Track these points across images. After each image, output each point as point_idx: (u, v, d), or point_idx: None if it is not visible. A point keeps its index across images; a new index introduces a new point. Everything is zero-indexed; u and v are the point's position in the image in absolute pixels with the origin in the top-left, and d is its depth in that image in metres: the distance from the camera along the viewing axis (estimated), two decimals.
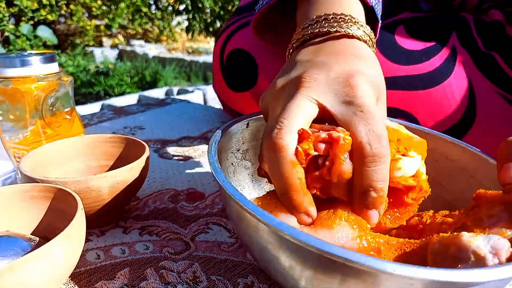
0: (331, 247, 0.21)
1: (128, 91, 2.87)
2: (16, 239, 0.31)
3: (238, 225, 0.29)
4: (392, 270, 0.20)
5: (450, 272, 0.20)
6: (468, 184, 0.36)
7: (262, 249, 0.27)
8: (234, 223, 0.31)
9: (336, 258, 0.21)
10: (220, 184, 0.28)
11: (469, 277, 0.20)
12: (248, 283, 0.34)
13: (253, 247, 0.29)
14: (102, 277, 0.35)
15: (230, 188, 0.27)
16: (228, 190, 0.27)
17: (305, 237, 0.22)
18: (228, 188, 0.27)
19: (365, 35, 0.35)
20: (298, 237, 0.22)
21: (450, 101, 0.51)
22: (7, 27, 3.14)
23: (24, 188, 0.35)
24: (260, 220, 0.24)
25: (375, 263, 0.20)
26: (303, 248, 0.22)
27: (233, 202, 0.27)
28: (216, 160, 0.31)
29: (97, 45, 4.06)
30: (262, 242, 0.26)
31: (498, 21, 0.54)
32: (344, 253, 0.21)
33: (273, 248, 0.26)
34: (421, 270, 0.20)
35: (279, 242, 0.25)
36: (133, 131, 0.74)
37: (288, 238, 0.23)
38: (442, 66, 0.51)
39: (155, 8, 4.34)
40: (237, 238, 0.41)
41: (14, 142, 0.52)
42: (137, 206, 0.46)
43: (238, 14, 0.71)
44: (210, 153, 0.32)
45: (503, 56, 0.51)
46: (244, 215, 0.27)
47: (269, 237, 0.25)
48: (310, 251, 0.22)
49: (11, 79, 0.49)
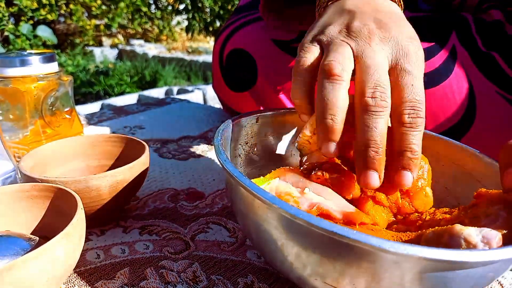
0: (332, 226, 0.22)
1: (128, 90, 2.87)
2: (16, 239, 0.31)
3: (244, 213, 0.30)
4: (388, 247, 0.21)
5: (449, 252, 0.21)
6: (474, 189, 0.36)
7: (268, 237, 0.27)
8: (239, 213, 0.31)
9: (338, 237, 0.22)
10: (222, 164, 0.29)
11: (457, 256, 0.21)
12: (248, 283, 0.34)
13: (258, 237, 0.29)
14: (102, 276, 0.35)
15: (240, 176, 0.27)
16: (239, 178, 0.27)
17: (304, 215, 0.23)
18: (228, 167, 0.28)
19: None
20: (297, 214, 0.23)
21: (450, 101, 0.51)
22: (7, 27, 3.13)
23: (24, 188, 0.35)
24: (268, 203, 0.25)
25: (372, 240, 0.21)
26: (300, 225, 0.23)
27: (239, 187, 0.28)
28: (221, 144, 0.32)
29: (96, 45, 4.06)
30: (269, 229, 0.27)
31: (498, 20, 0.54)
32: (343, 230, 0.22)
33: (279, 232, 0.26)
34: (419, 248, 0.21)
35: (285, 225, 0.25)
36: (133, 131, 0.74)
37: (287, 215, 0.24)
38: (442, 66, 0.51)
39: (154, 7, 4.34)
40: (237, 237, 0.41)
41: (14, 142, 0.52)
42: (137, 206, 0.46)
43: (237, 13, 0.71)
44: (216, 138, 0.33)
45: (503, 56, 0.51)
46: (252, 200, 0.27)
47: (275, 221, 0.26)
48: (313, 230, 0.23)
49: (11, 78, 0.49)
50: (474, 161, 0.37)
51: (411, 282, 0.23)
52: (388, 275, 0.23)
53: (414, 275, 0.22)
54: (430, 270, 0.22)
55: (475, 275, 0.23)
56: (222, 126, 0.36)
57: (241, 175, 0.27)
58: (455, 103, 0.51)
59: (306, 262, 0.25)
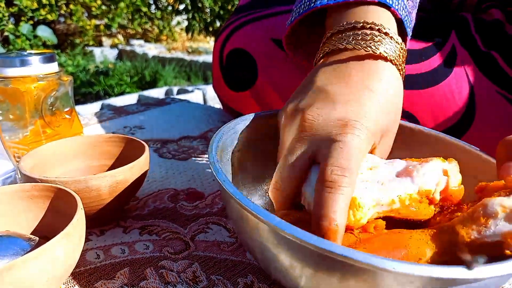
0: (329, 245, 0.21)
1: (128, 90, 2.87)
2: (16, 239, 0.31)
3: (238, 224, 0.29)
4: (392, 268, 0.20)
5: (448, 269, 0.21)
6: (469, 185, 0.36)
7: (263, 248, 0.27)
8: (234, 222, 0.31)
9: (335, 256, 0.21)
10: (220, 183, 0.28)
11: (468, 274, 0.20)
12: (248, 283, 0.34)
13: (253, 246, 0.29)
14: (102, 276, 0.35)
15: (230, 188, 0.27)
16: (229, 190, 0.27)
17: (304, 235, 0.22)
18: (228, 187, 0.27)
19: (395, 50, 0.34)
20: (297, 235, 0.22)
21: (450, 101, 0.51)
22: (7, 27, 3.13)
23: (23, 188, 0.35)
24: (260, 219, 0.24)
25: (374, 261, 0.21)
26: (303, 246, 0.23)
27: (233, 202, 0.27)
28: (216, 160, 0.31)
29: (96, 45, 4.06)
30: (262, 241, 0.26)
31: (497, 20, 0.54)
32: (342, 251, 0.21)
33: (273, 247, 0.26)
34: (420, 267, 0.20)
35: (279, 240, 0.25)
36: (133, 131, 0.74)
37: (288, 236, 0.23)
38: (441, 66, 0.51)
39: (154, 7, 4.34)
40: (237, 237, 0.41)
41: (14, 142, 0.52)
42: (137, 206, 0.46)
43: (237, 13, 0.71)
44: (210, 153, 0.32)
45: (503, 55, 0.51)
46: (244, 214, 0.27)
47: (269, 236, 0.25)
48: (310, 249, 0.22)
49: (11, 78, 0.49)
50: (468, 155, 0.37)
51: None
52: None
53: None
54: None
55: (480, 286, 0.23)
56: (214, 138, 0.35)
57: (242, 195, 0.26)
58: (455, 102, 0.51)
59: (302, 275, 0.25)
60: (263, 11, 0.66)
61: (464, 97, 0.50)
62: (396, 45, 0.34)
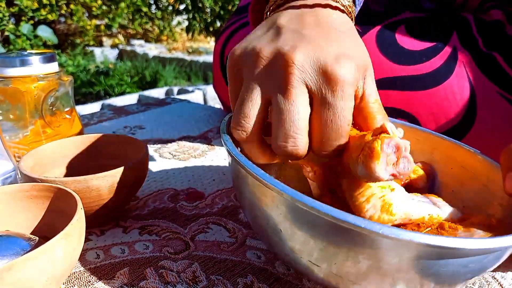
0: (337, 213, 0.23)
1: (128, 91, 2.88)
2: (16, 239, 0.31)
3: (249, 201, 0.30)
4: (379, 230, 0.22)
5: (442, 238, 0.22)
6: (479, 192, 0.36)
7: (268, 218, 0.28)
8: (246, 202, 0.32)
9: (346, 225, 0.23)
10: (233, 156, 0.29)
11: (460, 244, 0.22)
12: (247, 283, 0.34)
13: (267, 224, 0.29)
14: (102, 276, 0.35)
15: (246, 162, 0.28)
16: (245, 164, 0.28)
17: (306, 200, 0.24)
18: (244, 162, 0.28)
19: (347, 2, 0.34)
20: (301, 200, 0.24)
21: (451, 102, 0.51)
22: (7, 27, 3.14)
23: (23, 188, 0.35)
24: (273, 189, 0.25)
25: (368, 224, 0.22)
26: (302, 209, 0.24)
27: (249, 177, 0.28)
28: (228, 139, 0.32)
29: (97, 45, 4.06)
30: (279, 216, 0.27)
31: (498, 20, 0.54)
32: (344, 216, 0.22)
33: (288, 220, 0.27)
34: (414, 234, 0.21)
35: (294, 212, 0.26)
36: (133, 131, 0.74)
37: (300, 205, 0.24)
38: (442, 67, 0.51)
39: (155, 7, 4.35)
40: (237, 238, 0.41)
41: (14, 142, 0.52)
42: (136, 206, 0.46)
43: (238, 14, 0.71)
44: (222, 129, 0.33)
45: (504, 56, 0.51)
46: (257, 184, 0.27)
47: (286, 208, 0.26)
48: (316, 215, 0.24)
49: (11, 78, 0.49)
50: (480, 164, 0.36)
51: (406, 267, 0.23)
52: (385, 259, 0.23)
53: (409, 260, 0.23)
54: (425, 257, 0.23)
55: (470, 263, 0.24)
56: (224, 123, 0.36)
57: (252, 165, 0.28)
58: (456, 103, 0.51)
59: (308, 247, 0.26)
60: None
61: (465, 98, 0.50)
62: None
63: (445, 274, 0.24)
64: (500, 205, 0.32)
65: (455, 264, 0.23)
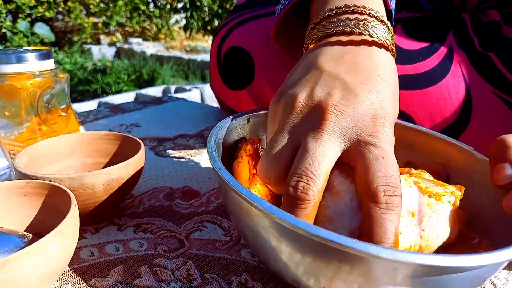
0: (323, 232, 0.22)
1: (125, 89, 2.87)
2: (9, 236, 0.31)
3: (238, 217, 0.30)
4: (376, 253, 0.21)
5: (435, 257, 0.21)
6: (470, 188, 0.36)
7: (258, 235, 0.27)
8: (234, 218, 0.31)
9: (333, 244, 0.22)
10: (217, 171, 0.29)
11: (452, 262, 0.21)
12: (242, 281, 0.34)
13: (250, 235, 0.29)
14: (96, 274, 0.35)
15: (226, 175, 0.28)
16: (224, 177, 0.27)
17: (293, 220, 0.23)
18: (224, 175, 0.28)
19: (387, 35, 0.33)
20: (287, 220, 0.23)
21: (447, 101, 0.51)
22: (4, 24, 3.13)
23: (18, 185, 0.35)
24: (260, 209, 0.25)
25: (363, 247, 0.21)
26: (291, 230, 0.24)
27: (232, 193, 0.28)
28: (214, 150, 0.32)
29: (94, 43, 4.05)
30: (258, 229, 0.27)
31: (494, 20, 0.54)
32: (337, 237, 0.22)
33: (272, 236, 0.26)
34: (404, 254, 0.21)
35: (279, 230, 0.25)
36: (129, 129, 0.74)
37: (286, 225, 0.24)
38: (438, 66, 0.51)
39: (153, 6, 4.34)
40: (232, 236, 0.41)
41: (9, 139, 0.51)
42: (132, 204, 0.46)
43: (235, 12, 0.71)
44: (209, 144, 0.33)
45: (499, 57, 0.51)
46: (247, 207, 0.27)
47: (270, 226, 0.26)
48: (299, 234, 0.23)
49: (6, 75, 0.49)
50: (467, 158, 0.37)
51: (405, 284, 0.23)
52: (381, 280, 0.23)
53: (407, 279, 0.22)
54: (424, 275, 0.22)
55: (470, 276, 0.23)
56: (214, 130, 0.35)
57: (237, 183, 0.27)
58: (452, 103, 0.51)
59: (300, 264, 0.25)
60: (261, 9, 0.66)
61: (460, 97, 0.50)
62: (387, 30, 0.33)
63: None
64: None
65: (455, 279, 0.23)
